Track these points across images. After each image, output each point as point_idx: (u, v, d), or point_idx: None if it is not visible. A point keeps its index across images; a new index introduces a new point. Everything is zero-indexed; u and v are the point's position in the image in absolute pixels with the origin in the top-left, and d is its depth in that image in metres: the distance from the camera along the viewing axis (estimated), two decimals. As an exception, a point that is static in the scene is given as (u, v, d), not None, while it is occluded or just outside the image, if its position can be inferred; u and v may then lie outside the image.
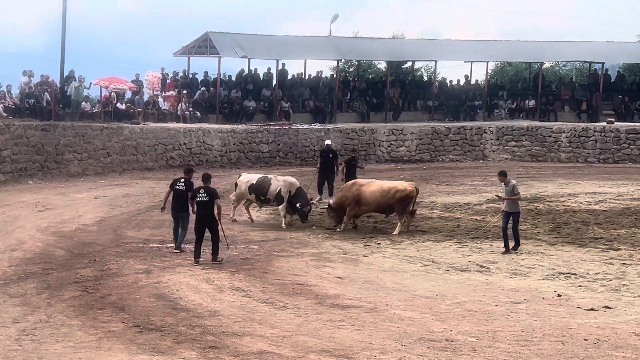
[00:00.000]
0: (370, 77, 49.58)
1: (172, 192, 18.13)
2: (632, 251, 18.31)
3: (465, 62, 46.10)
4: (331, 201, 21.94)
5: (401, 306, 13.57)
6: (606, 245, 19.05)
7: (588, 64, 48.87)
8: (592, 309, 13.44)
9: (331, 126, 39.12)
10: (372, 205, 20.82)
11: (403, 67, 50.54)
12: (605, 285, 15.21)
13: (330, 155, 26.41)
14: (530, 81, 48.03)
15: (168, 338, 11.66)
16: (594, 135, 39.90)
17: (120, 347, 11.26)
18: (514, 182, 18.41)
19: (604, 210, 24.20)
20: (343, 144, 38.10)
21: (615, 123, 40.56)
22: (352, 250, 18.62)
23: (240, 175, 22.84)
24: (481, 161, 39.52)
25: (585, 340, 11.67)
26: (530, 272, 16.45)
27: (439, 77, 46.78)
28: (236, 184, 22.30)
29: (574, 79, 51.48)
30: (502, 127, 40.99)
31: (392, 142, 39.47)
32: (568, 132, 40.20)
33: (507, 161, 39.25)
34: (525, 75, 51.09)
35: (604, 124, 40.59)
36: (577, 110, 44.04)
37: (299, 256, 17.80)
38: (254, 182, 21.78)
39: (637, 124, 41.29)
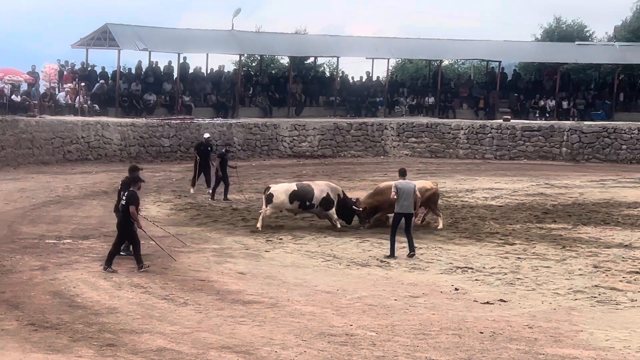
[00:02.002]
0: (272, 72, 49.55)
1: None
2: (527, 246, 18.84)
3: (367, 58, 46.49)
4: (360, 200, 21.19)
5: (302, 301, 13.62)
6: (502, 240, 19.54)
7: (486, 63, 50.06)
8: (487, 303, 13.76)
9: (233, 121, 38.90)
10: None
11: (305, 62, 50.67)
12: (500, 279, 15.59)
13: (209, 148, 26.72)
14: (430, 78, 48.84)
15: (64, 336, 11.40)
16: (490, 132, 40.90)
17: (14, 346, 10.95)
18: (394, 182, 18.10)
19: (499, 206, 24.84)
20: (246, 139, 38.02)
21: (511, 120, 41.71)
22: (254, 245, 18.57)
23: (270, 188, 20.85)
24: (382, 157, 39.99)
25: (481, 333, 11.94)
26: (429, 266, 16.74)
27: (341, 73, 47.13)
28: (270, 196, 20.38)
29: (472, 77, 52.64)
30: (403, 124, 41.59)
31: (294, 137, 39.56)
32: (466, 129, 41.07)
33: (408, 157, 39.84)
34: (425, 73, 51.96)
35: (501, 121, 41.67)
36: (475, 108, 45.05)
37: (200, 252, 17.65)
38: (296, 189, 20.49)
39: (532, 121, 42.51)
